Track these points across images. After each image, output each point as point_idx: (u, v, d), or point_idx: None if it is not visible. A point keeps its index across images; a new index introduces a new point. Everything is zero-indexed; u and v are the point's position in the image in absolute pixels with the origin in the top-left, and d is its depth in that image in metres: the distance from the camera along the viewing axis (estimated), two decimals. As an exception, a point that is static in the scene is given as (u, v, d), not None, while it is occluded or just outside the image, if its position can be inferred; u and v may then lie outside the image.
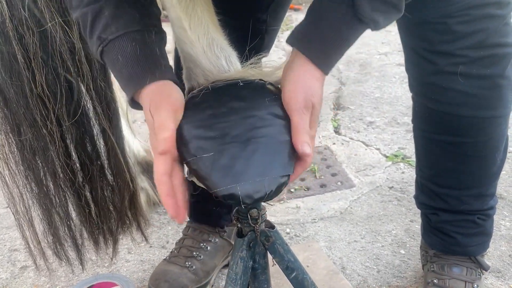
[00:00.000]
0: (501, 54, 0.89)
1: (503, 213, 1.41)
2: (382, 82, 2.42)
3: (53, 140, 1.00)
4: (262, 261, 0.79)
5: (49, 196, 1.09)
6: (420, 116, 1.02)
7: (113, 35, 0.70)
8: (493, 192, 1.04)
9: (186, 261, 1.19)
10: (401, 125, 1.98)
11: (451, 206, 1.03)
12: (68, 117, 1.01)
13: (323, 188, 1.61)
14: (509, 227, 1.35)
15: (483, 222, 1.04)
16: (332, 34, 0.67)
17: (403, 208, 1.48)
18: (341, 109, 2.19)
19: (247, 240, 0.77)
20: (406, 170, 1.67)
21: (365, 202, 1.52)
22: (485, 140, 0.96)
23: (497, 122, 0.95)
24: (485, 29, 0.86)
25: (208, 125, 0.67)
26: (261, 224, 0.76)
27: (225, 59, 0.74)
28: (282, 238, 0.79)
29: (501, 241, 1.30)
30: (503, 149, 1.00)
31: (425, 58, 0.92)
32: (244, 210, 0.75)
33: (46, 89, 0.96)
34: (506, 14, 0.88)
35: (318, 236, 1.38)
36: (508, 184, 1.54)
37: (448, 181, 1.02)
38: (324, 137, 1.96)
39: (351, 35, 0.68)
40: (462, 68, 0.88)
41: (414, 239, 1.33)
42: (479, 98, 0.91)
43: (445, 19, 0.85)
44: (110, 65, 0.73)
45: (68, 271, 1.30)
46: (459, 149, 0.98)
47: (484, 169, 1.00)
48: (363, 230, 1.39)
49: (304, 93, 0.67)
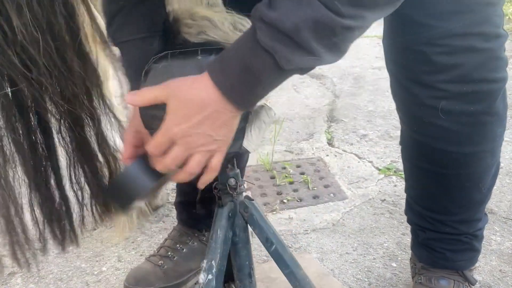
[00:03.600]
0: (487, 91, 0.84)
1: (494, 228, 1.42)
2: (376, 95, 2.44)
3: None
4: (242, 234, 0.83)
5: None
6: (405, 142, 1.01)
7: (120, 40, 0.80)
8: (480, 216, 1.02)
9: (160, 260, 1.21)
10: (394, 138, 1.99)
11: (436, 227, 1.03)
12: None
13: (316, 199, 1.62)
14: (500, 242, 1.36)
15: (470, 240, 1.03)
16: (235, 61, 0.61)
17: (395, 221, 1.48)
18: (334, 121, 2.20)
19: (226, 210, 0.81)
20: (398, 184, 1.68)
21: (357, 214, 1.53)
22: (468, 173, 0.94)
23: (480, 157, 0.92)
24: (467, 63, 0.81)
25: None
26: (240, 195, 0.81)
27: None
28: (261, 212, 0.83)
29: (491, 256, 1.31)
30: (490, 178, 0.97)
31: (407, 88, 0.88)
32: (224, 179, 0.80)
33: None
34: (494, 47, 0.82)
35: (310, 247, 1.38)
36: (498, 199, 1.55)
37: (433, 205, 1.01)
38: (317, 149, 1.96)
39: (255, 64, 0.59)
40: (444, 103, 0.84)
41: (406, 252, 1.34)
42: (462, 134, 0.87)
43: (425, 47, 0.81)
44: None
45: (57, 278, 1.28)
46: (443, 179, 0.95)
47: (468, 198, 0.98)
48: (355, 242, 1.39)
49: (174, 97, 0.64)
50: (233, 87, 0.61)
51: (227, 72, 0.61)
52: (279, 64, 0.58)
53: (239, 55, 0.61)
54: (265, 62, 0.59)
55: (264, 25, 0.57)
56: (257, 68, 0.59)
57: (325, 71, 2.81)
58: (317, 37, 0.56)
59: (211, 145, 0.66)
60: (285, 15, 0.56)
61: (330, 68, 2.84)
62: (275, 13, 0.56)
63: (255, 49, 0.58)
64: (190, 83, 0.64)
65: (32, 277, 1.29)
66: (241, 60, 0.60)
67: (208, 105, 0.62)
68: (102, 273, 1.31)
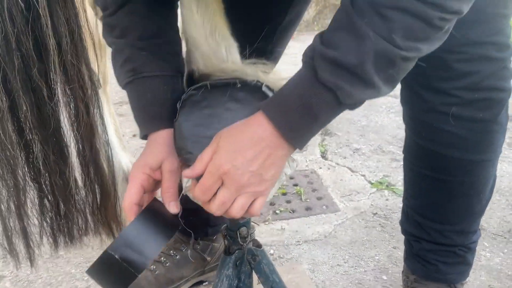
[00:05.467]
0: (496, 99, 0.87)
1: (483, 243, 1.43)
2: (369, 111, 2.47)
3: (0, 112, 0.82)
4: (247, 280, 0.79)
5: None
6: (410, 150, 1.03)
7: (148, 73, 0.76)
8: (476, 228, 1.04)
9: (153, 265, 1.20)
10: (386, 153, 2.01)
11: (433, 237, 1.04)
12: (23, 90, 0.84)
13: (308, 211, 1.62)
14: (489, 258, 1.38)
15: (464, 253, 1.05)
16: (294, 98, 0.62)
17: (387, 234, 1.49)
18: (328, 134, 2.22)
19: (234, 259, 0.77)
20: (390, 198, 1.70)
21: (349, 227, 1.53)
22: (472, 181, 0.96)
23: (485, 165, 0.95)
24: (481, 70, 0.84)
25: (205, 124, 0.69)
26: (249, 243, 0.77)
27: (225, 48, 0.75)
28: (269, 258, 0.80)
29: (481, 271, 1.32)
30: (489, 189, 1.00)
31: (419, 94, 0.91)
32: (234, 228, 0.76)
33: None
34: (504, 57, 0.86)
35: (302, 258, 1.38)
36: (488, 216, 1.57)
37: (432, 214, 1.03)
38: (311, 161, 1.98)
39: (315, 101, 0.60)
40: (455, 109, 0.87)
41: (397, 266, 1.34)
42: (469, 141, 0.90)
43: (445, 54, 0.83)
44: (134, 97, 0.78)
45: (46, 283, 1.27)
46: (445, 186, 0.98)
47: (468, 207, 1.00)
48: (347, 254, 1.40)
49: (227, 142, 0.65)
50: (289, 124, 0.62)
51: (284, 110, 0.62)
52: (340, 100, 0.60)
53: (297, 93, 0.61)
54: (326, 98, 0.60)
55: (325, 63, 0.59)
56: (317, 105, 0.60)
57: (319, 85, 2.84)
58: (377, 69, 0.58)
59: (259, 186, 0.64)
60: (348, 52, 0.58)
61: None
62: (336, 51, 0.58)
63: (315, 87, 0.60)
64: (242, 123, 0.65)
65: (21, 282, 1.27)
66: (299, 98, 0.61)
67: (262, 140, 0.62)
68: (92, 279, 1.29)
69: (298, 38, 3.72)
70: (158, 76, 0.76)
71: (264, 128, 0.62)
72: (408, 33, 0.57)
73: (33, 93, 0.84)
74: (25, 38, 0.77)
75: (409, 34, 0.57)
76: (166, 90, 0.76)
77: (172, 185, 0.73)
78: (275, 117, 0.62)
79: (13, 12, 0.75)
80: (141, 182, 0.73)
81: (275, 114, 0.62)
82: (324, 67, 0.59)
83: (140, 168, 0.74)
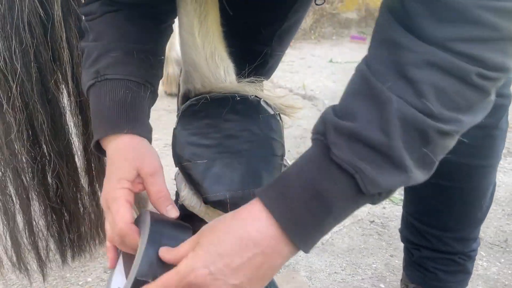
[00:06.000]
0: (499, 104, 0.87)
1: (480, 253, 1.43)
2: (366, 119, 2.48)
3: (17, 124, 0.83)
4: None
5: (11, 197, 0.95)
6: None
7: (111, 76, 0.71)
8: (476, 236, 1.04)
9: None
10: (383, 161, 2.01)
11: (433, 245, 1.04)
12: (40, 101, 0.86)
13: (306, 218, 1.62)
14: (486, 267, 1.38)
15: (464, 262, 1.05)
16: (301, 184, 0.49)
17: (384, 242, 1.49)
18: (325, 142, 2.22)
19: None
20: (387, 206, 1.70)
21: (346, 235, 1.53)
22: (472, 187, 0.96)
23: (486, 171, 0.95)
24: None
25: (203, 133, 0.70)
26: None
27: (224, 69, 0.76)
28: None
29: (478, 281, 1.32)
30: (489, 196, 1.00)
31: None
32: None
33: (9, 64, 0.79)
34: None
35: (299, 265, 1.37)
36: (485, 225, 1.57)
37: (432, 221, 1.03)
38: (308, 169, 1.98)
39: (329, 189, 0.48)
40: None
41: (394, 274, 1.34)
42: (471, 146, 0.87)
43: None
44: (93, 101, 0.72)
45: (40, 287, 1.26)
46: (446, 192, 0.98)
47: (469, 214, 1.00)
48: (344, 262, 1.40)
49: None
50: (296, 218, 0.49)
51: (289, 200, 0.49)
52: (359, 187, 0.47)
53: (305, 179, 0.49)
54: (343, 185, 0.47)
55: (340, 139, 0.47)
56: (331, 193, 0.48)
57: (316, 93, 2.85)
58: (407, 146, 0.46)
59: None
60: (369, 123, 0.46)
61: (321, 91, 2.88)
62: (354, 123, 0.47)
63: (328, 170, 0.48)
64: (231, 216, 0.52)
65: (15, 286, 1.26)
66: (308, 185, 0.49)
67: (256, 244, 0.49)
68: (87, 284, 1.28)
69: (295, 46, 3.75)
70: (120, 80, 0.70)
71: (263, 226, 0.49)
72: (442, 97, 0.46)
73: (49, 105, 0.84)
74: (44, 49, 0.78)
75: (442, 97, 0.46)
76: (126, 94, 0.69)
77: (161, 188, 0.67)
78: (277, 209, 0.50)
79: (32, 24, 0.75)
80: (125, 198, 0.64)
81: (277, 206, 0.50)
82: (339, 144, 0.47)
83: (117, 186, 0.65)
